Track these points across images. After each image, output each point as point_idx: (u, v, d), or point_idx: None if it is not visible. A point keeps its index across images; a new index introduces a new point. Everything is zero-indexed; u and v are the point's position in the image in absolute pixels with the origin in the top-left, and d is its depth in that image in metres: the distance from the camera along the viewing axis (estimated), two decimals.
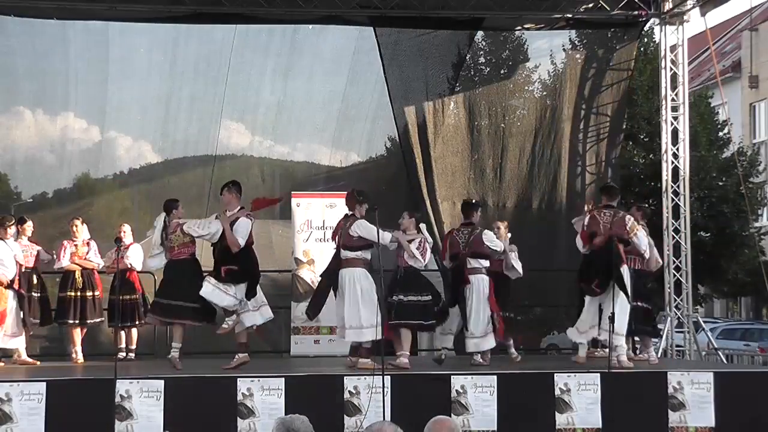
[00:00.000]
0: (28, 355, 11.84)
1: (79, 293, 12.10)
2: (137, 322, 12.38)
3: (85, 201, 14.85)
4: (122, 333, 12.44)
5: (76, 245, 12.21)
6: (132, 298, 12.33)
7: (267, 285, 13.82)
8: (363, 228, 10.52)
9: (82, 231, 12.30)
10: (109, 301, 12.33)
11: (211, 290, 10.43)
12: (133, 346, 12.56)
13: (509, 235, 12.00)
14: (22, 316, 11.51)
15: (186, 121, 15.03)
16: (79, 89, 14.60)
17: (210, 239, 10.71)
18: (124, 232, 12.33)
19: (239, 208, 10.68)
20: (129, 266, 12.26)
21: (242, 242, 10.46)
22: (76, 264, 12.17)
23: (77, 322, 12.12)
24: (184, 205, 11.35)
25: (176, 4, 13.77)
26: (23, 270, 11.60)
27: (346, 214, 10.82)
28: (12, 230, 11.65)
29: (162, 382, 9.41)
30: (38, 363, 11.70)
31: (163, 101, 14.91)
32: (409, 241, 10.84)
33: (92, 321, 12.22)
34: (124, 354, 12.23)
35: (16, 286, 11.46)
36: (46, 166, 15.11)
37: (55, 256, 12.18)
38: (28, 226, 12.03)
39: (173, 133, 15.14)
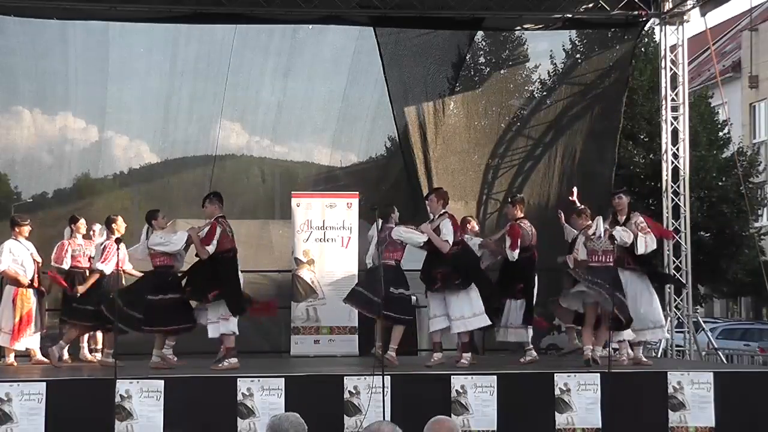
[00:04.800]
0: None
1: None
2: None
3: (85, 201, 14.81)
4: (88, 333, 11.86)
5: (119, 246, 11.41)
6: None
7: (267, 285, 13.87)
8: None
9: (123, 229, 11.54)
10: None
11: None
12: (99, 346, 11.88)
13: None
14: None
15: (186, 121, 15.02)
16: (78, 89, 14.60)
17: (171, 251, 10.65)
18: (94, 231, 11.86)
19: (215, 217, 10.64)
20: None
21: (211, 249, 10.46)
22: (123, 272, 11.48)
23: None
24: (184, 205, 11.31)
25: (176, 4, 13.78)
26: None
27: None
28: (27, 229, 11.54)
29: (162, 382, 9.42)
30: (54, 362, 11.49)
31: (162, 101, 14.91)
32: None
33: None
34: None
35: (36, 284, 11.45)
36: (45, 166, 15.10)
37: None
38: (82, 224, 11.79)
39: (173, 133, 15.13)
